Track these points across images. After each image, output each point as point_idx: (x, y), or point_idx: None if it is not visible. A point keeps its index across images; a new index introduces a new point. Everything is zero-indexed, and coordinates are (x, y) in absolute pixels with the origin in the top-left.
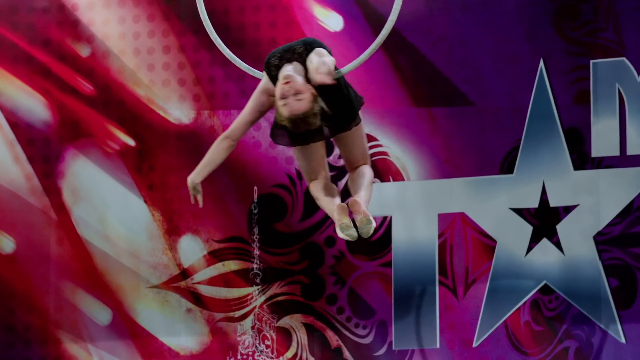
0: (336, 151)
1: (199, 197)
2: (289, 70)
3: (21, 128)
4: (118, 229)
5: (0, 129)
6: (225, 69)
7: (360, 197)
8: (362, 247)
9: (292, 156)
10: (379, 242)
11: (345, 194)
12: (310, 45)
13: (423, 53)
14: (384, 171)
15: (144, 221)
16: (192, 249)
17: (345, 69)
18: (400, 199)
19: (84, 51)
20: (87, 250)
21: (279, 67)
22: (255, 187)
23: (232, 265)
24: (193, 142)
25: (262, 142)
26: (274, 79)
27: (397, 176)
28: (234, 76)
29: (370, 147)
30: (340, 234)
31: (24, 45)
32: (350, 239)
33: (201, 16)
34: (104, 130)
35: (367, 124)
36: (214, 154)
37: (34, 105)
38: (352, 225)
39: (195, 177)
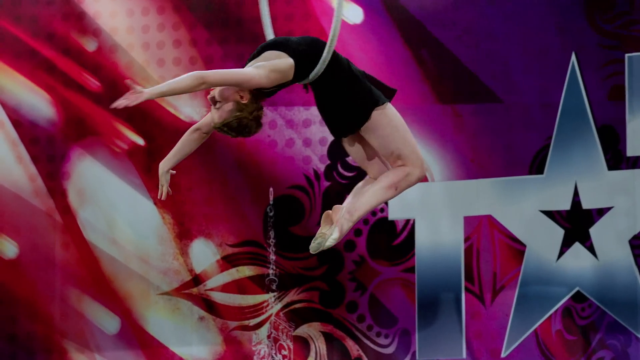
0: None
1: (164, 189)
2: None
3: (24, 126)
4: (126, 233)
5: (2, 128)
6: (240, 64)
7: (348, 205)
8: (384, 252)
9: (309, 156)
10: (401, 246)
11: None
12: (264, 48)
13: (448, 47)
14: None
15: (154, 224)
16: (204, 253)
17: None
18: (424, 201)
19: (90, 45)
20: (94, 255)
21: None
22: (271, 189)
23: (246, 270)
24: (205, 141)
25: (277, 141)
26: None
27: None
28: None
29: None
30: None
31: (27, 39)
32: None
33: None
34: (111, 128)
35: None
36: (184, 145)
37: (37, 102)
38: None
39: (163, 165)
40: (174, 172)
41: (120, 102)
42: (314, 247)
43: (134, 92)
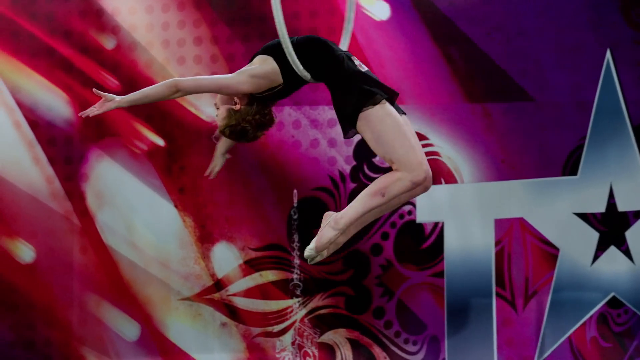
0: None
1: (216, 169)
2: None
3: (41, 127)
4: (146, 236)
5: (18, 128)
6: None
7: (341, 212)
8: (412, 256)
9: (334, 157)
10: (430, 250)
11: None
12: (257, 52)
13: (477, 44)
14: (435, 173)
15: (175, 227)
16: (226, 257)
17: None
18: (453, 203)
19: (108, 43)
20: (112, 260)
21: None
22: (295, 191)
23: (270, 275)
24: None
25: (302, 141)
26: None
27: (450, 178)
28: None
29: (422, 146)
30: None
31: (44, 36)
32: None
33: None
34: (130, 128)
35: (417, 121)
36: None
37: (54, 102)
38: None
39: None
40: (229, 156)
41: (89, 111)
42: (305, 257)
43: (104, 101)
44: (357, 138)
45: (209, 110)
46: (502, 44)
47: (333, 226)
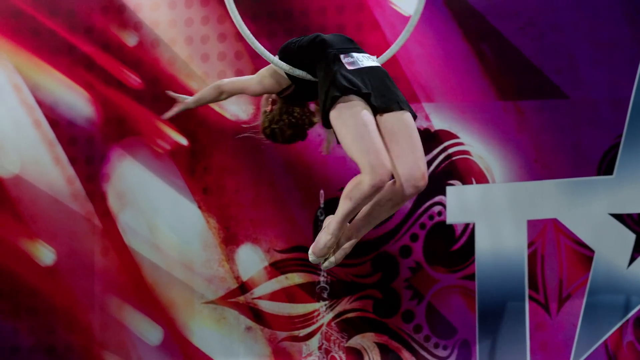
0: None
1: (329, 145)
2: None
3: (62, 126)
4: (169, 238)
5: (39, 127)
6: None
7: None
8: (442, 258)
9: None
10: (461, 252)
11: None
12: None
13: (510, 40)
14: (466, 172)
15: (198, 229)
16: (251, 260)
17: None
18: (485, 204)
19: (130, 40)
20: (135, 262)
21: None
22: (322, 191)
23: (296, 278)
24: (252, 140)
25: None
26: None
27: (481, 178)
28: None
29: (451, 145)
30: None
31: (64, 33)
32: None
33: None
34: (153, 127)
35: (447, 119)
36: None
37: (75, 100)
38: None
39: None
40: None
41: (168, 115)
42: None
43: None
44: None
45: (233, 108)
46: (535, 39)
47: (326, 230)
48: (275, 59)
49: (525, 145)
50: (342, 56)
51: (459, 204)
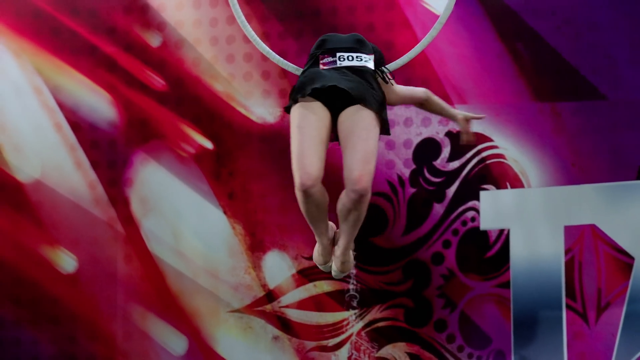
0: (444, 154)
1: (468, 136)
2: None
3: (83, 129)
4: (194, 245)
5: (59, 131)
6: None
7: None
8: (476, 265)
9: (392, 160)
10: (495, 259)
11: None
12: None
13: (546, 39)
14: (501, 176)
15: (224, 235)
16: (279, 267)
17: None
18: (520, 209)
19: (154, 40)
20: (158, 269)
21: None
22: None
23: (324, 286)
24: (279, 144)
25: None
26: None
27: (516, 182)
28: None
29: (485, 149)
30: (350, 268)
31: (86, 33)
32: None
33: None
34: (177, 131)
35: (481, 121)
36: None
37: (97, 102)
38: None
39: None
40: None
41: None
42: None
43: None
44: (417, 140)
45: (259, 111)
46: (572, 38)
47: None
48: (282, 59)
49: (562, 148)
50: (322, 56)
51: (493, 209)
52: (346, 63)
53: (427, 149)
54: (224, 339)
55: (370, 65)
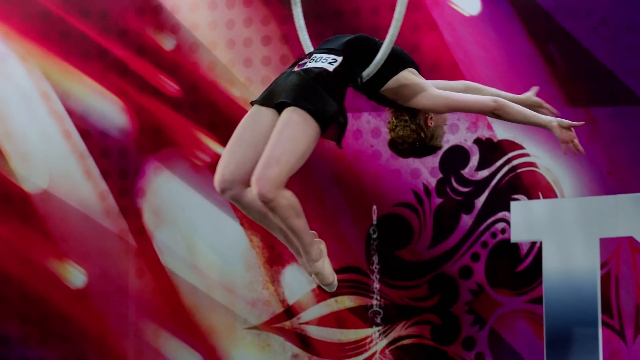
0: (472, 163)
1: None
2: None
3: (93, 137)
4: (209, 258)
5: (68, 138)
6: None
7: None
8: (506, 280)
9: (418, 169)
10: (526, 273)
11: None
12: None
13: (580, 41)
14: (532, 186)
15: (241, 248)
16: (298, 281)
17: None
18: (553, 221)
19: (167, 43)
20: (172, 284)
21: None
22: (375, 207)
23: (346, 301)
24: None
25: (382, 152)
26: None
27: (549, 192)
28: None
29: (516, 157)
30: (335, 282)
31: (96, 36)
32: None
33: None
34: (192, 138)
35: (511, 128)
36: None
37: (108, 109)
38: None
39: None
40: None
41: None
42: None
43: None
44: (443, 147)
45: None
46: (608, 40)
47: None
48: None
49: (597, 156)
50: (302, 57)
51: (524, 220)
52: (309, 65)
53: (454, 157)
54: (241, 357)
55: (331, 67)
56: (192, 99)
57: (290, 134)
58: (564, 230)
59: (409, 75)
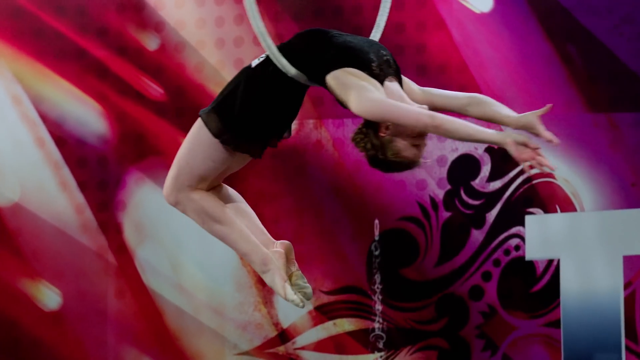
0: (484, 173)
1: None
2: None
3: (69, 145)
4: (196, 277)
5: (42, 146)
6: None
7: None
8: (520, 301)
9: (424, 179)
10: (543, 293)
11: None
12: (393, 60)
13: (601, 40)
14: (549, 198)
15: (231, 266)
16: None
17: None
18: (572, 236)
19: (151, 43)
20: (155, 306)
21: (379, 79)
22: (377, 221)
23: (346, 324)
24: (294, 161)
25: None
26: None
27: (567, 205)
28: None
29: (532, 166)
30: (290, 296)
31: (73, 35)
32: (300, 306)
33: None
34: (177, 146)
35: (527, 135)
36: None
37: (86, 114)
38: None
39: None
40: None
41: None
42: (309, 291)
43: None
44: (452, 156)
45: None
46: (632, 40)
47: None
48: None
49: (619, 165)
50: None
51: (540, 236)
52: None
53: (464, 167)
54: None
55: (254, 63)
56: (178, 104)
57: (187, 137)
58: (584, 246)
59: (341, 75)
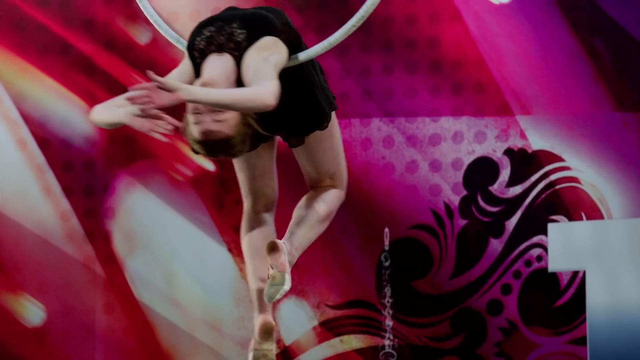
0: (503, 177)
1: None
2: (211, 70)
3: (54, 146)
4: (191, 290)
5: (24, 148)
6: (342, 60)
7: (290, 239)
8: (543, 316)
9: (438, 184)
10: (567, 308)
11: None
12: (256, 29)
13: (631, 33)
14: (574, 205)
15: (229, 279)
16: (297, 318)
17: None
18: (599, 246)
19: (141, 36)
20: (147, 321)
21: (204, 54)
22: (387, 230)
23: (353, 341)
24: (296, 165)
25: (395, 164)
26: (197, 67)
27: (593, 212)
28: (355, 70)
29: (554, 170)
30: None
31: (57, 28)
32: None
33: None
34: (170, 149)
35: (549, 136)
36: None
37: (71, 113)
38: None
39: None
40: None
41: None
42: (271, 292)
43: (156, 91)
44: (468, 159)
45: None
46: None
47: (290, 261)
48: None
49: None
50: None
51: (564, 246)
52: None
53: (481, 171)
54: None
55: None
56: None
57: None
58: (612, 257)
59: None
